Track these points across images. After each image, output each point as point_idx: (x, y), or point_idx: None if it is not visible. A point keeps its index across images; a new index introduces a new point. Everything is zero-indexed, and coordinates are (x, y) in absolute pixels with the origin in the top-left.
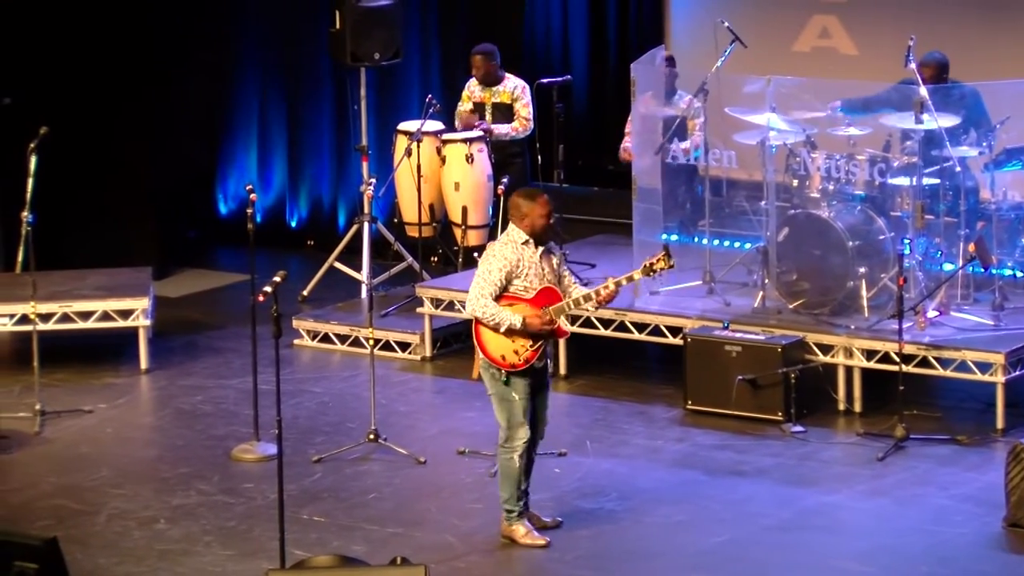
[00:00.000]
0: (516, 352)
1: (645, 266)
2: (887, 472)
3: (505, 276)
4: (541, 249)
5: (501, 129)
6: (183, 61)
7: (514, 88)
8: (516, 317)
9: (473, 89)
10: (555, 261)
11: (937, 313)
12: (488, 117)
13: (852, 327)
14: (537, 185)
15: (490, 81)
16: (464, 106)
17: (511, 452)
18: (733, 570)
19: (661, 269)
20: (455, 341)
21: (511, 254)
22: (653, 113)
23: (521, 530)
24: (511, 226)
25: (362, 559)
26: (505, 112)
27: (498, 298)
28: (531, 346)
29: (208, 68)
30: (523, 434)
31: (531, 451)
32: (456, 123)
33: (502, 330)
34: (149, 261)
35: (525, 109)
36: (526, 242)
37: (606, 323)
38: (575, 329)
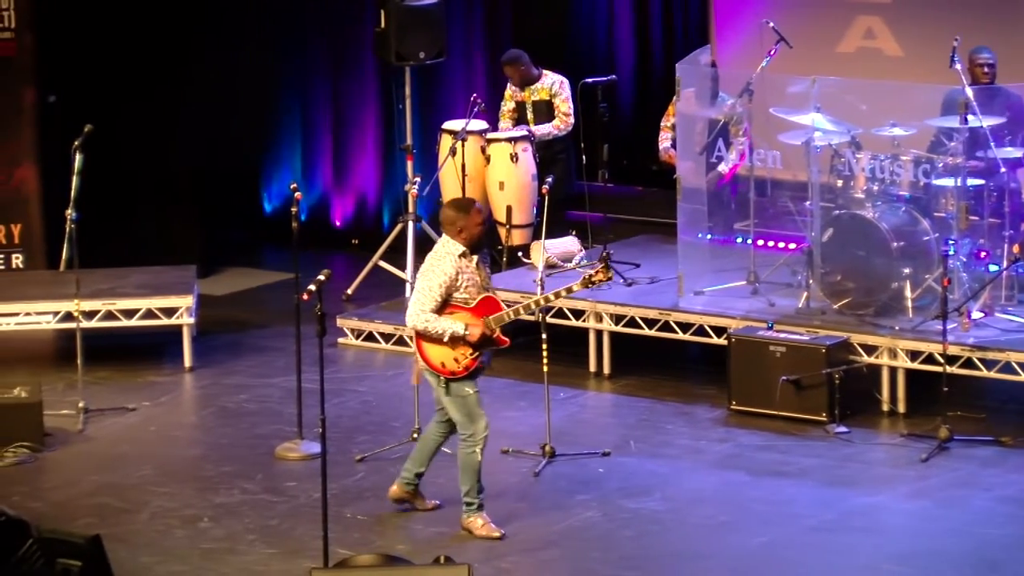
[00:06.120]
0: (456, 360)
1: (584, 278)
2: (930, 473)
3: (445, 291)
4: (476, 258)
5: (543, 130)
6: (229, 60)
7: (551, 84)
8: (459, 325)
9: (514, 89)
10: (487, 266)
11: (982, 314)
12: (529, 116)
13: (896, 328)
14: (581, 185)
15: (527, 83)
16: (507, 105)
17: (473, 446)
18: (775, 571)
19: (600, 281)
20: None
21: (450, 268)
22: (695, 113)
23: (479, 522)
24: (445, 238)
25: (405, 558)
26: (546, 109)
27: (439, 311)
28: (471, 354)
29: (254, 68)
30: (484, 426)
31: (444, 440)
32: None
33: (446, 339)
34: (193, 259)
35: (565, 104)
36: (463, 254)
37: (650, 323)
38: (620, 329)
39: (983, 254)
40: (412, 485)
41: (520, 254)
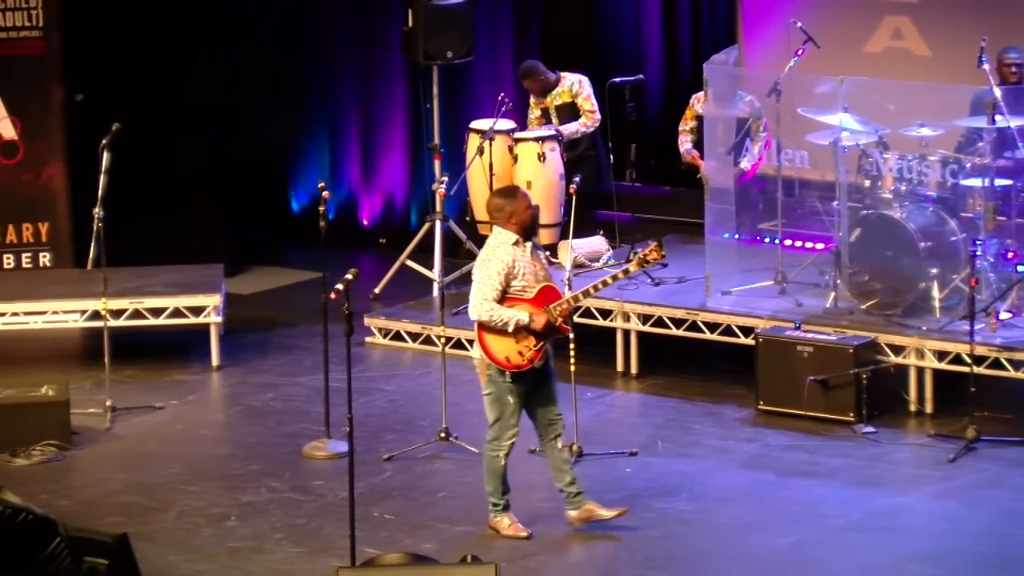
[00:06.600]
0: (520, 353)
1: (639, 259)
2: (957, 474)
3: (504, 279)
4: (530, 246)
5: (570, 128)
6: (256, 59)
7: (571, 85)
8: (523, 314)
9: (536, 97)
10: (542, 256)
11: (1009, 314)
12: (555, 120)
13: (923, 328)
14: (609, 185)
15: (546, 90)
16: (533, 113)
17: (498, 451)
18: (802, 571)
19: (654, 260)
20: None
21: (506, 255)
22: (719, 113)
23: (506, 522)
24: (496, 229)
25: (432, 557)
26: (569, 111)
27: (500, 302)
28: (535, 345)
29: (282, 67)
30: (512, 435)
31: (558, 440)
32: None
33: (510, 329)
34: (220, 258)
35: (588, 102)
36: (516, 242)
37: (678, 323)
38: (647, 329)
39: (1011, 254)
40: (578, 495)
41: (547, 254)
